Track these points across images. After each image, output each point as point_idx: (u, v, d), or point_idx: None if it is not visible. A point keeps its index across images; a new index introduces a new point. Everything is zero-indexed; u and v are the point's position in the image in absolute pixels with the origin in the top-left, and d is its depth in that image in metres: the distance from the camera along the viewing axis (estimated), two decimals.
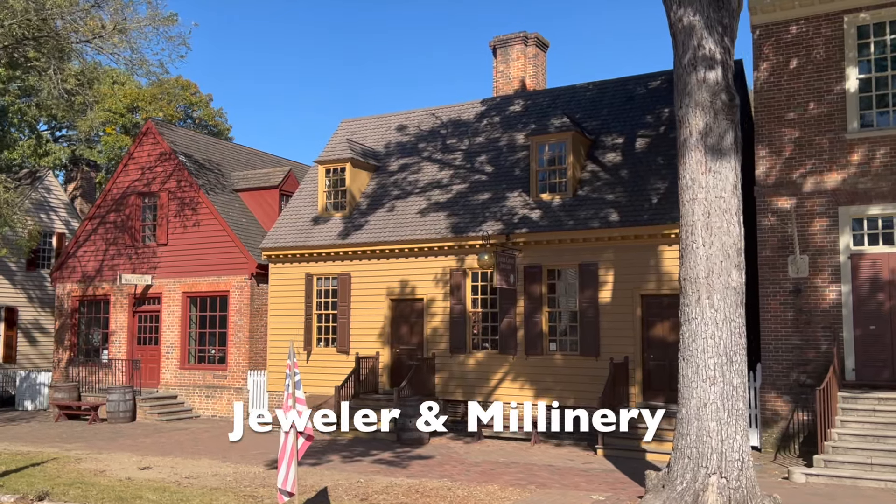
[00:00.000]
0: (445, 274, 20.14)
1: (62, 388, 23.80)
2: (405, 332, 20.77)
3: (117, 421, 22.31)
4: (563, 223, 18.60)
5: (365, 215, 21.92)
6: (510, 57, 24.38)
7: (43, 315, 32.90)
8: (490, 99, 24.01)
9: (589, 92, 22.21)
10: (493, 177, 21.03)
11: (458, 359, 19.78)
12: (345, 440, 18.46)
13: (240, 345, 23.20)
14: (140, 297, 25.22)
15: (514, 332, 19.06)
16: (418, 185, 22.06)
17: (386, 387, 20.76)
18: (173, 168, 24.99)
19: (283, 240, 22.47)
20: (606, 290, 18.18)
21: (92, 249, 26.34)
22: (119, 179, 26.06)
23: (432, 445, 17.59)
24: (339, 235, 21.62)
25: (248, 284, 23.26)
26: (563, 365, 18.53)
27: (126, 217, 25.68)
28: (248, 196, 25.80)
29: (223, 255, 23.68)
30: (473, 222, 19.88)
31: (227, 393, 23.19)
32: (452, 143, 22.96)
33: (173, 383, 24.24)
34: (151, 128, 25.57)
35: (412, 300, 20.68)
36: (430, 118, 24.42)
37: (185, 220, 24.53)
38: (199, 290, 24.09)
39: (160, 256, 24.91)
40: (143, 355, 24.91)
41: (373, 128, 25.27)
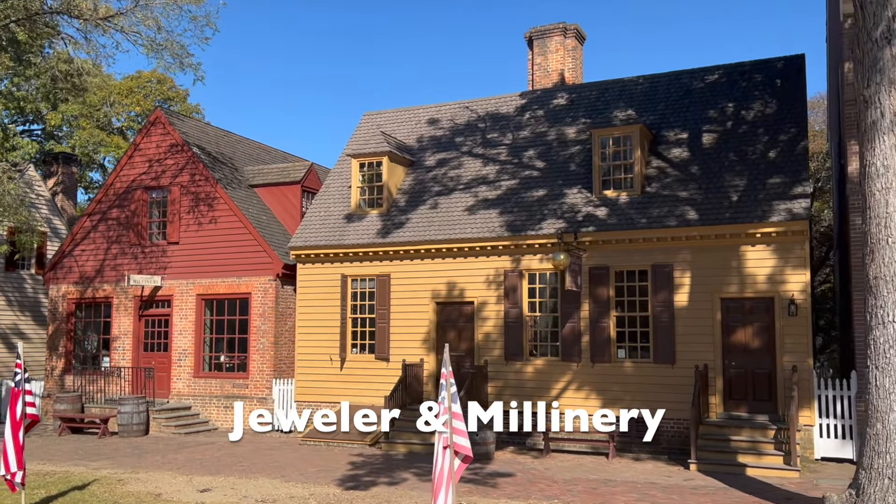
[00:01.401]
0: (499, 275, 18.80)
1: (65, 398, 21.76)
2: (452, 338, 19.35)
3: (130, 434, 20.40)
4: (635, 221, 17.43)
5: (404, 212, 20.47)
6: (548, 49, 23.20)
7: (23, 319, 30.63)
8: (529, 92, 22.78)
9: (640, 85, 21.14)
10: (546, 172, 19.79)
11: (514, 366, 18.44)
12: (400, 455, 16.96)
13: (263, 351, 21.49)
14: (147, 299, 23.30)
15: (578, 338, 17.81)
16: (461, 180, 20.69)
17: (431, 397, 19.28)
18: (186, 160, 23.17)
19: (313, 238, 20.87)
20: (682, 293, 17.05)
21: (91, 248, 24.32)
22: (123, 172, 24.11)
23: (501, 460, 16.21)
24: (378, 234, 20.11)
25: (273, 286, 21.57)
26: (634, 373, 17.33)
27: (131, 213, 23.75)
28: (265, 192, 24.10)
29: (244, 255, 21.95)
30: (531, 220, 18.59)
31: (248, 403, 21.42)
32: (494, 137, 21.66)
33: (186, 393, 22.38)
34: (161, 117, 23.70)
35: (460, 303, 19.29)
36: (465, 111, 23.10)
37: (199, 217, 22.71)
38: (215, 292, 22.30)
39: (171, 256, 23.05)
40: (152, 362, 22.99)
41: (401, 121, 23.83)
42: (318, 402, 20.38)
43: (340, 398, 19.80)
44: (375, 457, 16.67)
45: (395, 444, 17.52)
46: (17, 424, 10.95)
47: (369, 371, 19.97)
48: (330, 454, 17.09)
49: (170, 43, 19.05)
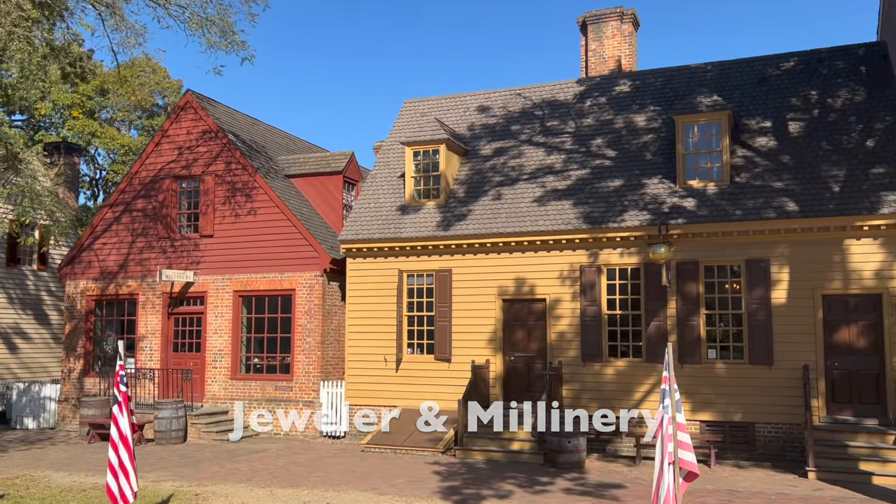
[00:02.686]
0: (574, 271, 17.64)
1: (92, 403, 20.17)
2: (521, 338, 18.15)
3: (168, 441, 18.89)
4: (728, 213, 16.38)
5: (465, 204, 19.23)
6: (604, 34, 22.11)
7: (24, 318, 28.87)
8: (587, 79, 21.67)
9: (709, 72, 20.13)
10: (619, 162, 18.68)
11: (592, 368, 17.29)
12: (480, 463, 15.70)
13: (309, 351, 20.09)
14: (178, 296, 21.77)
15: (664, 338, 16.70)
16: (524, 170, 19.50)
17: (498, 399, 18.05)
18: (220, 148, 21.68)
19: (365, 231, 19.54)
20: (780, 289, 16.03)
21: (114, 241, 22.71)
22: (150, 160, 22.54)
23: (596, 469, 15.05)
24: (438, 226, 18.85)
25: (320, 282, 20.19)
26: (727, 375, 16.27)
27: (159, 204, 22.19)
28: (304, 183, 22.69)
29: (287, 249, 20.54)
30: (610, 212, 17.46)
31: (293, 407, 20.02)
32: (554, 125, 20.51)
33: (222, 396, 20.90)
34: (192, 101, 22.17)
35: (530, 301, 18.09)
36: (517, 98, 21.93)
37: (236, 208, 21.25)
38: (254, 288, 20.85)
39: (204, 250, 21.54)
40: (182, 363, 21.47)
41: (446, 109, 22.58)
42: (372, 405, 19.10)
43: (396, 401, 18.59)
44: (455, 465, 15.40)
45: (471, 451, 16.27)
46: (125, 436, 9.55)
47: (428, 373, 18.69)
48: (403, 463, 15.79)
49: (219, 18, 17.53)
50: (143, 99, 45.10)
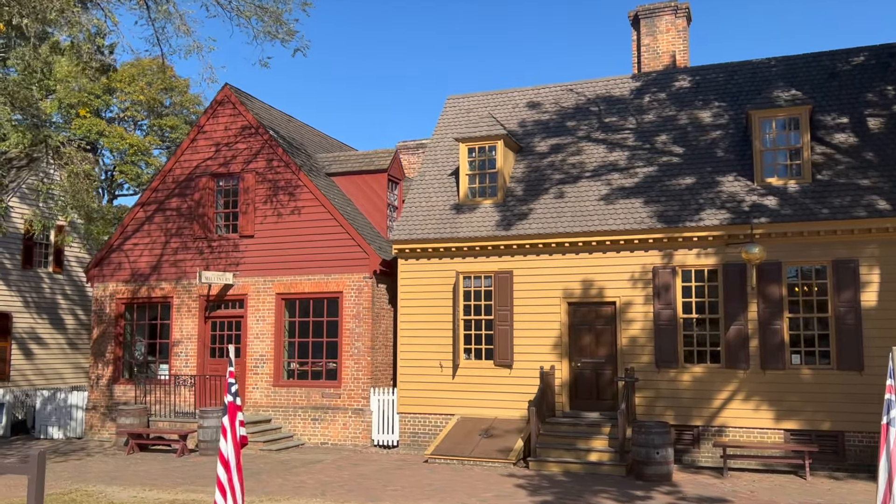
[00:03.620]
0: (646, 272, 16.85)
1: (129, 412, 19.14)
2: (588, 342, 17.32)
3: (214, 452, 17.88)
4: (814, 212, 15.63)
5: (524, 202, 18.40)
6: (657, 29, 21.37)
7: (40, 323, 27.83)
8: (643, 74, 20.92)
9: (773, 68, 19.42)
10: (688, 159, 17.92)
11: (668, 374, 16.48)
12: (558, 475, 14.83)
13: (358, 357, 19.17)
14: (215, 299, 20.80)
15: (745, 343, 15.93)
16: (586, 167, 18.70)
17: (565, 408, 17.24)
18: (261, 144, 20.75)
19: (419, 231, 18.67)
20: (870, 291, 15.29)
21: (146, 242, 21.71)
22: (184, 157, 21.57)
23: (686, 482, 14.22)
24: (498, 226, 18.01)
25: (369, 284, 19.28)
26: (813, 381, 15.50)
27: (195, 203, 21.22)
28: (346, 181, 21.78)
29: (334, 250, 19.63)
30: (685, 211, 16.68)
31: (341, 415, 19.10)
32: (613, 121, 19.73)
33: (265, 404, 19.93)
34: (230, 95, 21.23)
35: (598, 304, 17.27)
36: (569, 94, 21.15)
37: (279, 207, 20.32)
38: (299, 290, 19.91)
39: (244, 251, 20.59)
40: (220, 370, 20.48)
41: (493, 105, 21.76)
42: (426, 413, 18.23)
43: (453, 409, 17.73)
44: (534, 478, 14.52)
45: (546, 462, 15.40)
46: (238, 448, 8.62)
47: (488, 379, 17.83)
48: (476, 475, 14.89)
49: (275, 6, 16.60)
50: (151, 98, 44.08)
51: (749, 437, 15.75)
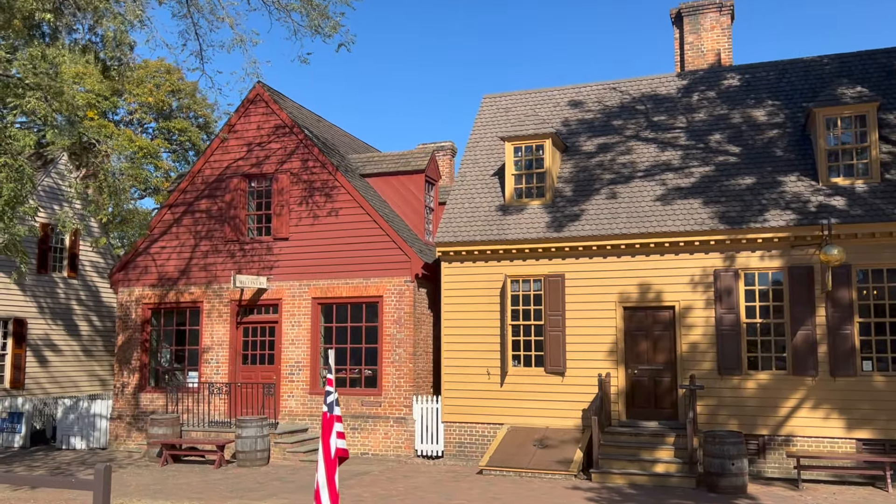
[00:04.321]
0: (707, 275, 16.22)
1: (162, 421, 18.36)
2: (645, 349, 16.67)
3: (253, 463, 17.16)
4: (887, 213, 15.04)
5: (574, 203, 17.77)
6: (701, 27, 20.80)
7: (54, 329, 27.05)
8: (689, 72, 20.34)
9: (827, 66, 18.87)
10: (746, 158, 17.32)
11: (731, 382, 15.83)
12: (625, 487, 14.15)
13: (400, 363, 18.46)
14: (248, 304, 20.06)
15: (814, 348, 15.31)
16: (638, 167, 18.09)
17: (622, 416, 16.57)
18: (296, 144, 20.06)
19: (464, 233, 18.01)
20: None
21: (174, 245, 20.96)
22: (214, 158, 20.86)
23: (763, 494, 13.56)
24: (548, 227, 17.36)
25: (411, 288, 18.60)
26: (887, 388, 14.90)
27: (226, 204, 20.50)
28: (381, 182, 21.10)
29: (373, 253, 18.94)
30: (748, 212, 16.07)
31: (382, 424, 18.38)
32: (661, 119, 19.13)
33: (300, 412, 19.19)
34: (262, 94, 20.53)
35: (656, 308, 16.63)
36: (613, 92, 20.55)
37: (315, 209, 19.62)
38: (336, 295, 19.20)
39: (278, 254, 19.88)
40: (252, 377, 19.75)
41: (533, 103, 21.15)
42: (472, 422, 17.55)
43: (501, 418, 17.06)
44: (602, 491, 13.83)
45: (610, 474, 14.71)
46: (333, 462, 7.94)
47: (538, 387, 17.15)
48: (539, 487, 14.20)
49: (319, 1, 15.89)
50: (160, 100, 43.39)
51: (818, 446, 15.12)
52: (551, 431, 16.61)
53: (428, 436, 18.07)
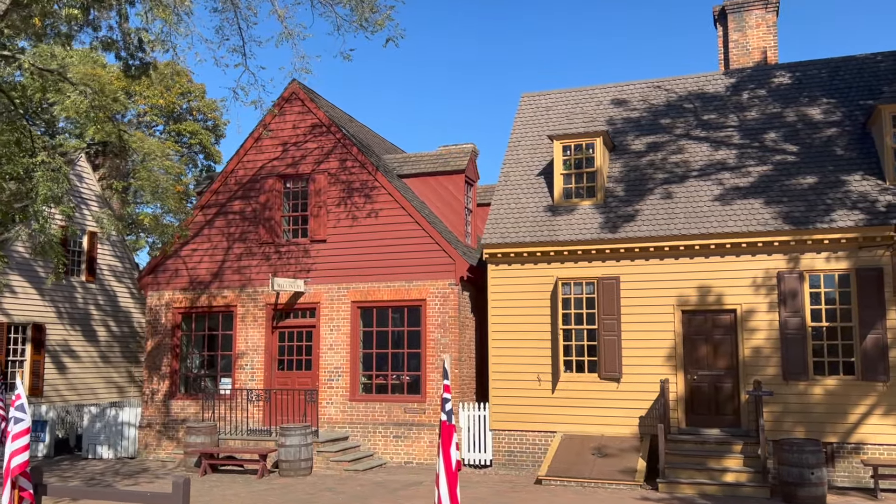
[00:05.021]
0: (769, 277, 15.70)
1: (200, 430, 17.72)
2: (705, 354, 16.13)
3: (297, 473, 16.54)
4: None
5: (628, 203, 17.24)
6: (746, 24, 20.33)
7: (73, 335, 26.39)
8: (736, 71, 19.86)
9: (881, 63, 18.43)
10: (804, 157, 16.83)
11: (796, 387, 15.30)
12: (698, 498, 13.58)
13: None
14: (283, 308, 19.46)
15: (884, 353, 14.79)
16: (691, 166, 17.59)
17: (681, 424, 16.02)
18: (333, 144, 19.49)
19: (512, 234, 17.46)
20: None
21: (206, 247, 20.35)
22: (248, 158, 20.27)
23: None
24: (602, 228, 16.82)
25: (455, 291, 18.03)
26: None
27: (260, 206, 19.91)
28: (418, 183, 20.54)
29: (416, 255, 18.37)
30: (813, 212, 15.57)
31: (426, 432, 17.79)
32: (711, 118, 18.64)
33: (340, 420, 18.58)
34: (298, 92, 19.96)
35: (716, 311, 16.10)
36: (657, 91, 20.06)
37: (354, 210, 19.05)
38: (376, 298, 18.62)
39: (315, 256, 19.28)
40: (289, 383, 19.14)
41: (574, 102, 20.63)
42: (522, 430, 16.98)
43: (553, 426, 16.50)
44: (675, 501, 13.27)
45: (678, 483, 14.15)
46: (454, 475, 7.35)
47: (592, 394, 16.59)
48: (606, 498, 13.63)
49: None
50: (171, 101, 42.83)
51: (891, 454, 14.59)
52: (608, 439, 16.05)
53: (475, 444, 17.49)
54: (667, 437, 15.21)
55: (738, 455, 14.49)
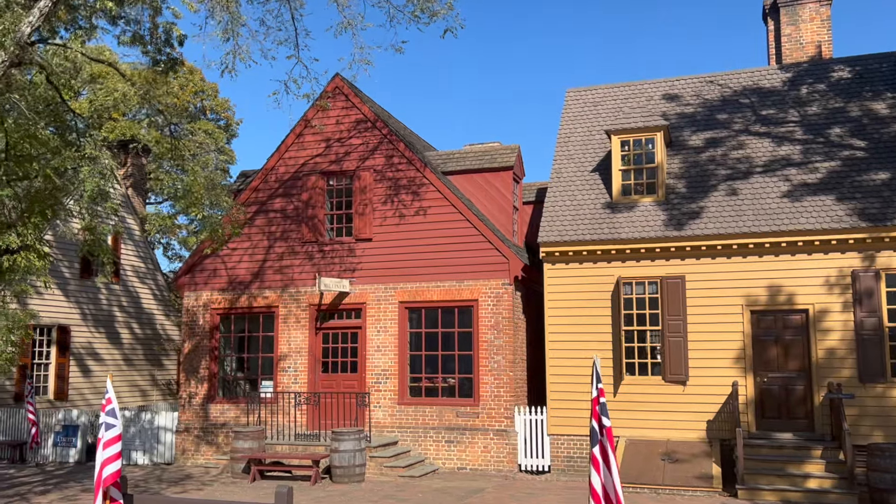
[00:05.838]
0: (843, 276, 15.18)
1: (248, 434, 17.10)
2: (775, 355, 15.59)
3: (351, 479, 15.95)
4: None
5: (691, 200, 16.71)
6: (800, 18, 19.85)
7: (97, 337, 25.80)
8: (793, 65, 19.38)
9: None
10: (874, 152, 16.34)
11: (874, 390, 14.77)
12: None
13: (498, 372, 17.31)
14: (328, 308, 18.87)
15: None
16: (754, 162, 17.07)
17: (751, 428, 15.47)
18: (379, 139, 18.92)
19: (571, 232, 16.91)
20: None
21: (245, 246, 19.75)
22: (289, 154, 19.69)
23: None
24: (667, 226, 16.29)
25: (509, 292, 17.47)
26: None
27: (303, 204, 19.33)
28: (463, 180, 19.97)
29: (467, 254, 17.81)
30: (890, 208, 15.08)
31: (480, 436, 17.21)
32: (770, 113, 18.13)
33: (388, 424, 17.99)
34: (342, 86, 19.38)
35: (787, 312, 15.56)
36: (710, 86, 19.55)
37: (401, 208, 18.48)
38: (426, 299, 18.04)
39: (360, 255, 18.70)
40: (333, 386, 18.55)
41: (623, 97, 20.12)
42: (583, 435, 16.43)
43: (616, 431, 15.94)
44: None
45: (759, 490, 13.60)
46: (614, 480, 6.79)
47: (656, 397, 16.04)
48: None
49: None
50: (186, 101, 42.21)
51: None
52: (675, 444, 15.49)
53: (532, 449, 16.92)
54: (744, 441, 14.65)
55: (819, 460, 13.95)
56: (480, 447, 17.20)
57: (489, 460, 17.08)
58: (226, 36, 14.07)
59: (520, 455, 16.97)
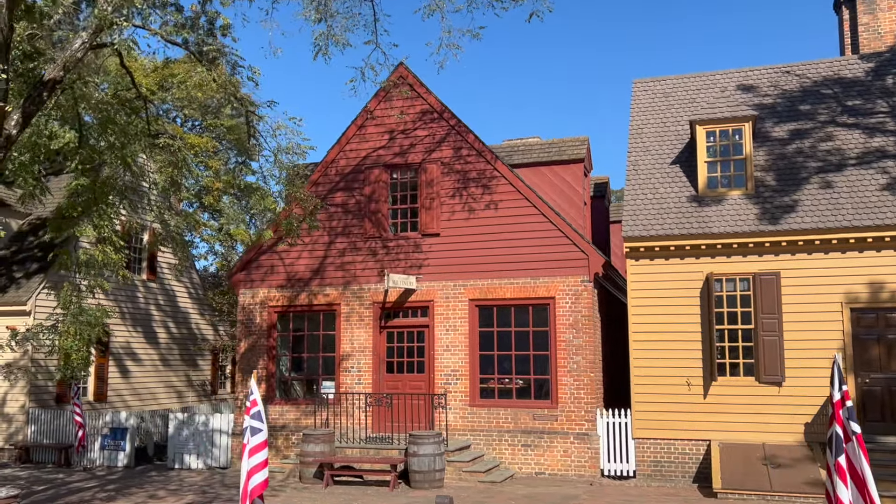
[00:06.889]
0: None
1: (319, 437, 16.33)
2: (878, 354, 14.89)
3: (431, 485, 15.20)
4: None
5: (783, 193, 16.00)
6: (877, 7, 19.15)
7: (135, 337, 25.04)
8: (874, 55, 18.69)
9: None
10: None
11: None
12: None
13: (578, 373, 16.57)
14: (392, 306, 18.13)
15: None
16: (846, 154, 16.37)
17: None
18: (446, 131, 18.19)
19: (656, 226, 16.19)
20: None
21: (304, 242, 18.99)
22: (349, 147, 18.94)
23: None
24: (760, 220, 15.58)
25: (589, 289, 16.74)
26: None
27: (365, 198, 18.58)
28: (529, 173, 19.26)
29: (542, 249, 17.08)
30: None
31: (560, 440, 16.47)
32: (857, 104, 17.44)
33: (459, 426, 17.24)
34: (406, 75, 18.64)
35: (889, 309, 14.87)
36: (787, 76, 18.85)
37: (470, 202, 17.75)
38: (498, 296, 17.31)
39: (427, 251, 17.96)
40: (399, 387, 17.81)
41: (695, 88, 19.40)
42: (670, 438, 15.69)
43: (705, 434, 15.22)
44: None
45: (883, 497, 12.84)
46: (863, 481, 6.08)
47: (750, 399, 15.32)
48: None
49: None
50: (210, 96, 41.29)
51: None
52: (772, 448, 14.77)
53: (616, 454, 16.19)
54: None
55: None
56: (560, 451, 16.46)
57: (569, 465, 16.35)
58: (318, 16, 13.29)
59: (602, 459, 16.25)
